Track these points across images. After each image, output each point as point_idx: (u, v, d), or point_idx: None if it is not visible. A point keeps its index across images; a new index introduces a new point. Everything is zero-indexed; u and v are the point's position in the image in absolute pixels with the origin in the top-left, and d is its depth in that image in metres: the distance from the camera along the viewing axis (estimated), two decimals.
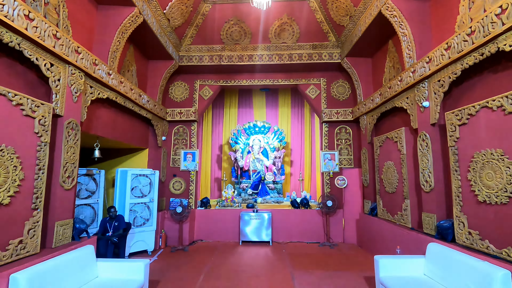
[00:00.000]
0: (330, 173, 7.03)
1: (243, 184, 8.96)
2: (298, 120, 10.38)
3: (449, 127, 3.56)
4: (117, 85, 4.64)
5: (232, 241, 6.93)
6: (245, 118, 10.34)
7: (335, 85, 7.31)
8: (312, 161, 9.95)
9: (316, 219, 6.93)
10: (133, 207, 5.67)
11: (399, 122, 5.15)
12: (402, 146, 4.73)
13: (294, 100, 10.40)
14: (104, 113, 4.75)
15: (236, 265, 5.19)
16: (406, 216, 4.60)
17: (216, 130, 10.53)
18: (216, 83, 7.40)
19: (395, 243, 4.69)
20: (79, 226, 3.67)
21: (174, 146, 7.26)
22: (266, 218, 6.71)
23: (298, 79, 7.36)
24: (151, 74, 6.59)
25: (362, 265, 5.12)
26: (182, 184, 7.06)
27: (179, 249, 6.18)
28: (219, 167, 10.31)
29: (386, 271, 3.59)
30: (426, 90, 4.08)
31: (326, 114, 7.08)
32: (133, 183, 5.71)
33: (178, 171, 7.14)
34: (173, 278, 4.53)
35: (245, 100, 10.59)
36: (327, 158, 7.10)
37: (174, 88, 7.37)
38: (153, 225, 5.91)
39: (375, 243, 5.56)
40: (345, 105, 7.18)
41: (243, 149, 9.47)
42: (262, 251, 6.13)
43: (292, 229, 6.93)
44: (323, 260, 5.48)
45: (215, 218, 7.07)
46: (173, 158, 7.20)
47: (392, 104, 5.11)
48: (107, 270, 3.52)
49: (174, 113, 7.11)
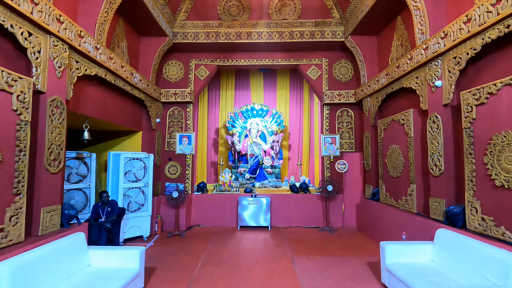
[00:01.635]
0: (331, 157, 6.85)
1: (240, 168, 8.76)
2: (297, 103, 10.08)
3: (464, 108, 3.33)
4: (106, 61, 4.28)
5: (230, 226, 6.79)
6: (242, 101, 10.01)
7: (337, 66, 6.99)
8: (311, 145, 9.75)
9: (315, 204, 6.80)
10: (127, 192, 5.43)
11: (406, 104, 4.91)
12: (409, 128, 4.51)
13: (293, 82, 10.06)
14: (93, 91, 4.41)
15: (235, 251, 5.05)
16: (411, 201, 4.45)
17: (212, 113, 10.20)
18: (213, 63, 7.02)
19: (399, 229, 4.57)
20: (69, 212, 3.43)
21: (169, 128, 6.95)
22: (264, 203, 6.55)
23: (299, 59, 7.01)
24: (144, 51, 6.18)
25: (364, 251, 5.02)
26: (178, 168, 6.82)
27: (176, 235, 6.02)
28: (215, 151, 10.06)
29: (392, 257, 3.46)
30: (439, 68, 3.82)
31: (328, 96, 6.80)
32: (126, 167, 5.45)
33: (173, 155, 6.87)
34: (170, 265, 4.36)
35: (242, 81, 10.21)
36: (328, 141, 6.89)
37: (168, 68, 6.97)
38: (148, 210, 5.71)
39: (376, 228, 5.45)
40: (348, 86, 6.89)
41: (241, 133, 9.20)
42: (261, 236, 6.01)
43: (291, 214, 6.81)
44: (323, 245, 5.37)
45: (212, 203, 6.89)
46: (168, 141, 6.91)
47: (399, 85, 4.85)
48: (100, 258, 3.31)
49: (168, 94, 6.75)
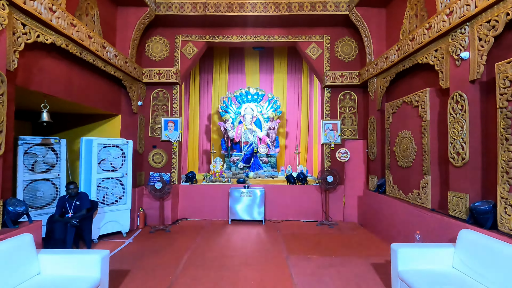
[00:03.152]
0: (332, 145, 6.24)
1: (233, 157, 8.15)
2: (295, 88, 9.40)
3: (500, 83, 2.70)
4: (67, 27, 3.57)
5: (220, 219, 6.24)
6: (236, 85, 9.31)
7: (340, 44, 6.29)
8: (309, 133, 9.13)
9: (314, 195, 6.24)
10: (102, 183, 4.82)
11: (420, 83, 4.27)
12: (424, 111, 3.89)
13: (291, 65, 9.34)
14: (53, 65, 3.72)
15: (224, 249, 4.50)
16: (424, 195, 3.88)
17: (204, 98, 9.51)
18: (202, 39, 6.29)
19: (409, 226, 4.01)
20: (14, 209, 2.82)
21: (153, 113, 6.28)
22: (258, 194, 5.97)
23: (297, 36, 6.29)
24: (122, 25, 5.44)
25: (367, 249, 4.48)
26: (163, 156, 6.19)
27: (160, 230, 5.45)
28: (208, 138, 9.43)
29: (406, 263, 2.90)
30: (466, 37, 3.16)
31: (329, 78, 6.12)
32: (101, 155, 4.82)
33: (158, 141, 6.23)
34: (146, 266, 3.80)
35: (236, 64, 9.47)
36: (329, 128, 6.26)
37: (151, 45, 6.23)
38: (128, 203, 5.11)
39: (381, 223, 4.90)
40: (351, 67, 6.21)
41: (234, 119, 8.55)
42: (253, 231, 5.46)
43: (287, 207, 6.25)
44: (322, 242, 4.83)
45: (201, 194, 6.31)
46: (152, 127, 6.25)
47: (412, 61, 4.20)
48: (53, 264, 2.72)
49: (151, 74, 6.04)
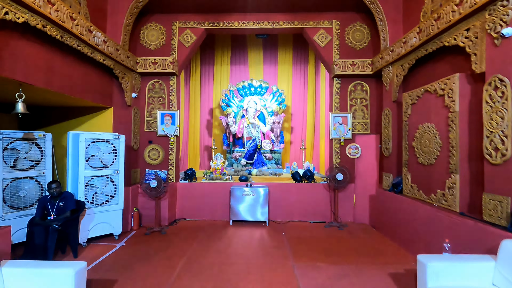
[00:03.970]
0: (341, 140, 5.76)
1: (235, 153, 7.72)
2: (301, 80, 8.90)
3: None
4: (43, 5, 3.13)
5: (221, 220, 5.82)
6: (239, 77, 8.84)
7: (351, 30, 5.77)
8: (316, 127, 8.65)
9: (321, 194, 5.78)
10: (92, 182, 4.41)
11: (445, 69, 3.76)
12: (452, 100, 3.39)
13: (297, 55, 8.83)
14: (28, 49, 3.30)
15: (223, 255, 4.08)
16: (451, 196, 3.40)
17: (205, 91, 9.07)
18: (200, 26, 5.82)
19: (432, 231, 3.55)
20: None
21: (148, 105, 5.85)
22: (262, 193, 5.54)
23: (304, 22, 5.78)
24: (113, 8, 4.99)
25: (382, 255, 4.02)
26: (159, 152, 5.78)
27: (156, 231, 5.06)
28: (209, 134, 9.01)
29: (437, 279, 2.44)
30: (509, 9, 2.66)
31: (339, 66, 5.62)
32: (90, 151, 4.41)
33: (154, 136, 5.81)
34: (136, 275, 3.39)
35: (239, 55, 8.99)
36: (338, 122, 5.77)
37: (146, 32, 5.78)
38: (120, 203, 4.70)
39: (398, 227, 4.44)
40: (363, 55, 5.70)
41: (236, 113, 8.10)
42: (256, 234, 5.03)
43: (293, 207, 5.81)
44: (332, 246, 4.38)
45: (201, 193, 5.90)
46: (147, 120, 5.83)
47: (437, 44, 3.69)
48: (18, 280, 2.32)
49: (146, 63, 5.60)
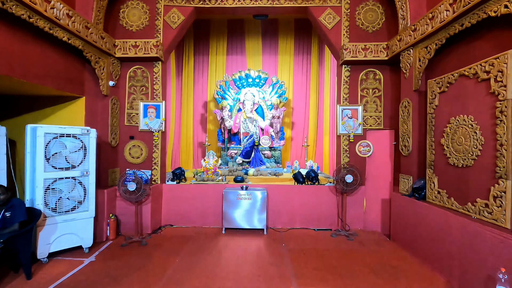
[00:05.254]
0: (350, 136, 5.03)
1: (231, 150, 6.99)
2: (303, 71, 8.14)
3: None
4: None
5: (213, 227, 5.11)
6: (235, 68, 8.07)
7: (363, 10, 5.01)
8: (319, 123, 7.92)
9: (327, 198, 5.07)
10: (54, 185, 3.68)
11: (488, 47, 3.02)
12: (503, 85, 2.64)
13: (299, 44, 8.08)
14: None
15: (212, 274, 3.36)
16: (499, 208, 2.68)
17: (199, 83, 8.32)
18: (189, 4, 5.04)
19: (470, 250, 2.83)
20: None
21: (129, 96, 5.10)
22: (259, 197, 4.82)
23: (309, 0, 5.03)
24: None
25: (404, 276, 3.31)
26: (142, 149, 5.04)
27: (135, 242, 4.34)
28: (203, 129, 8.28)
29: None
30: None
31: (349, 51, 4.86)
32: (52, 148, 3.67)
33: (136, 131, 5.07)
34: None
35: (235, 44, 8.22)
36: (347, 115, 5.04)
37: (127, 11, 5.01)
38: (90, 209, 3.98)
39: (420, 240, 3.72)
40: (376, 38, 4.94)
41: (232, 106, 7.35)
42: (253, 245, 4.32)
43: (294, 212, 5.10)
44: (342, 263, 3.67)
45: (190, 196, 5.17)
46: (128, 113, 5.08)
47: (478, 16, 2.95)
48: None
49: (126, 47, 4.84)
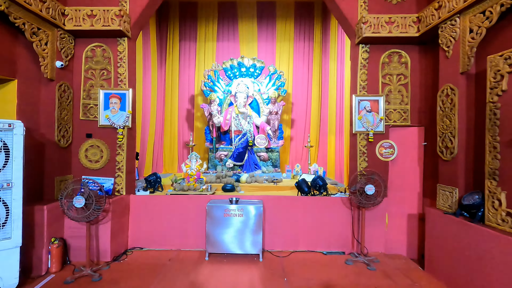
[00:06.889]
0: (370, 134, 3.97)
1: (220, 151, 5.89)
2: (304, 60, 7.10)
3: None
4: None
5: (194, 249, 4.00)
6: (227, 56, 7.00)
7: None
8: (322, 119, 6.87)
9: (339, 212, 3.99)
10: None
11: None
12: None
13: (299, 30, 7.08)
14: None
15: None
16: None
17: (185, 75, 7.23)
18: None
19: None
20: None
21: (86, 82, 3.96)
22: (253, 213, 3.72)
23: None
24: None
25: None
26: (102, 151, 3.91)
27: (84, 276, 3.21)
28: (190, 127, 7.19)
29: None
30: None
31: (369, 25, 3.78)
32: None
33: (95, 127, 3.94)
34: None
35: (227, 29, 7.17)
36: (365, 108, 3.98)
37: None
38: (14, 235, 2.81)
39: (477, 277, 2.66)
40: (402, 9, 3.89)
41: (222, 100, 6.27)
42: (243, 281, 3.21)
43: (298, 230, 4.01)
44: None
45: (165, 210, 4.06)
46: (84, 103, 3.94)
47: None
48: None
49: (79, 16, 3.70)
